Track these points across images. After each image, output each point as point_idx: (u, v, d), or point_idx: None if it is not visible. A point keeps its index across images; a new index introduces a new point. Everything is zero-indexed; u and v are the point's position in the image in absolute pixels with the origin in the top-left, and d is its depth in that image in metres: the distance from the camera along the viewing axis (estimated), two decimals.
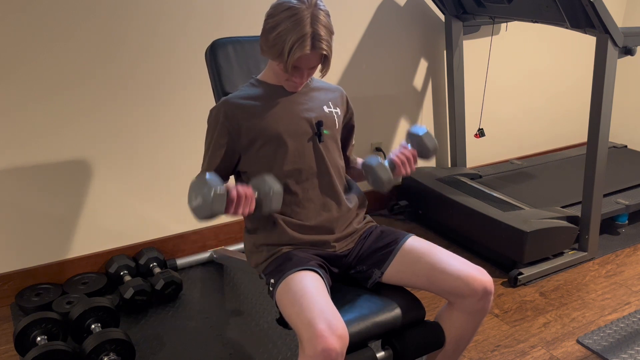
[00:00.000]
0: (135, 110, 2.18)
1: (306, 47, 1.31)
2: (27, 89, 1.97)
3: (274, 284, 1.38)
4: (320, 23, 1.33)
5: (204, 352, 1.88)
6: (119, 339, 1.72)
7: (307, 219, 1.46)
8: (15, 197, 2.05)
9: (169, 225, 2.39)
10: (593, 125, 2.29)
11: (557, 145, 3.64)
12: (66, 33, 1.98)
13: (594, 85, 2.24)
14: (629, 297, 2.22)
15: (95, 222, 2.23)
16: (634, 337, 1.96)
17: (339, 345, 1.17)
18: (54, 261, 2.18)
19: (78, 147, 2.11)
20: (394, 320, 1.38)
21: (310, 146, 1.47)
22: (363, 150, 2.82)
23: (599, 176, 2.33)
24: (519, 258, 2.31)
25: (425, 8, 2.79)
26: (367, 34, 2.65)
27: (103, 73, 2.08)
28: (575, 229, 2.42)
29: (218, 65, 1.71)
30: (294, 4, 1.32)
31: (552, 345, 1.94)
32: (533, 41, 3.22)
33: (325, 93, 1.56)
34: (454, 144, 2.98)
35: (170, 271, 2.17)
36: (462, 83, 2.88)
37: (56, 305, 2.01)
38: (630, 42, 2.19)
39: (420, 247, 1.44)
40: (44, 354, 1.64)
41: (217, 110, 1.46)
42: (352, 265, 1.51)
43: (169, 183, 2.33)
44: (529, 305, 2.17)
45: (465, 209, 2.51)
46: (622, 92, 3.58)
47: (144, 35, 2.11)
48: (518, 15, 2.45)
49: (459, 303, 1.39)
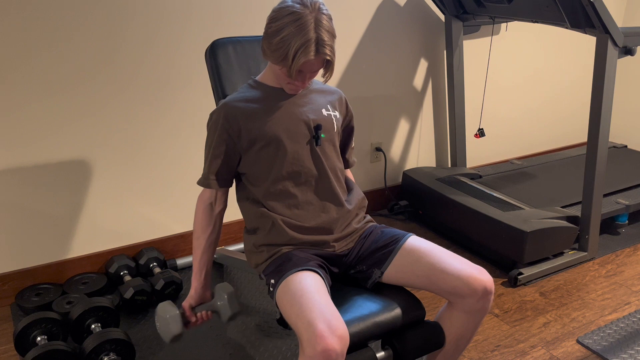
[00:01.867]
0: (136, 111, 2.18)
1: (310, 52, 1.31)
2: (28, 89, 1.97)
3: (274, 284, 1.38)
4: (324, 28, 1.32)
5: (204, 352, 1.88)
6: (119, 339, 1.72)
7: (307, 221, 1.46)
8: (15, 197, 2.05)
9: (169, 225, 2.39)
10: (593, 125, 2.29)
11: (557, 145, 3.64)
12: (67, 34, 1.98)
13: (594, 85, 2.24)
14: (629, 297, 2.22)
15: (95, 222, 2.23)
16: (634, 337, 1.96)
17: (339, 345, 1.17)
18: (54, 261, 2.19)
19: (78, 147, 2.11)
20: (394, 320, 1.38)
21: (308, 149, 1.47)
22: (363, 150, 2.82)
23: (599, 176, 2.33)
24: (519, 258, 2.31)
25: (425, 8, 2.79)
26: (367, 34, 2.65)
27: (104, 73, 2.08)
28: (575, 229, 2.42)
29: (218, 65, 1.71)
30: (297, 9, 1.32)
31: (552, 345, 1.94)
32: (533, 41, 3.23)
33: (324, 96, 1.56)
34: (454, 144, 2.98)
35: (170, 271, 2.17)
36: (462, 83, 2.88)
37: (56, 305, 2.01)
38: (630, 42, 2.19)
39: (420, 246, 1.44)
40: (44, 354, 1.64)
41: (217, 114, 1.46)
42: (352, 265, 1.51)
43: (169, 183, 2.33)
44: (529, 305, 2.17)
45: (465, 209, 2.51)
46: (622, 92, 3.58)
47: (144, 36, 2.11)
48: (518, 15, 2.45)
49: (459, 303, 1.39)
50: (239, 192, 1.57)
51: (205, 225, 1.53)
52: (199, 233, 1.53)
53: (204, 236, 1.53)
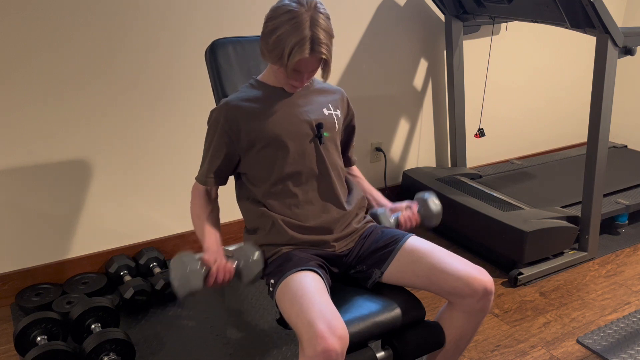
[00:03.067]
0: (136, 111, 2.18)
1: (305, 50, 1.31)
2: (29, 90, 1.97)
3: (274, 284, 1.38)
4: (320, 27, 1.32)
5: (204, 352, 1.88)
6: (119, 339, 1.72)
7: (307, 220, 1.46)
8: (15, 197, 2.05)
9: (169, 225, 2.39)
10: (593, 125, 2.29)
11: (557, 145, 3.64)
12: (68, 35, 1.98)
13: (594, 85, 2.24)
14: (629, 297, 2.22)
15: (95, 222, 2.23)
16: (634, 337, 1.96)
17: (339, 345, 1.17)
18: (54, 261, 2.18)
19: (78, 147, 2.11)
20: (394, 320, 1.38)
21: (311, 148, 1.47)
22: (363, 150, 2.82)
23: (599, 176, 2.33)
24: (519, 258, 2.31)
25: (425, 8, 2.79)
26: (367, 34, 2.65)
27: (104, 74, 2.08)
28: (575, 229, 2.42)
29: (218, 65, 1.71)
30: (294, 7, 1.32)
31: (552, 345, 1.94)
32: (533, 41, 3.23)
33: (326, 95, 1.56)
34: (454, 144, 2.98)
35: None
36: (462, 83, 2.88)
37: (56, 305, 2.01)
38: (630, 42, 2.19)
39: (420, 246, 1.44)
40: (44, 354, 1.64)
41: (217, 113, 1.46)
42: (352, 265, 1.51)
43: (169, 183, 2.33)
44: (529, 305, 2.17)
45: (465, 209, 2.51)
46: (622, 92, 3.58)
47: (145, 37, 2.11)
48: (518, 15, 2.45)
49: (459, 303, 1.39)
50: (239, 192, 1.57)
51: (205, 205, 1.52)
52: (200, 212, 1.51)
53: (205, 214, 1.50)
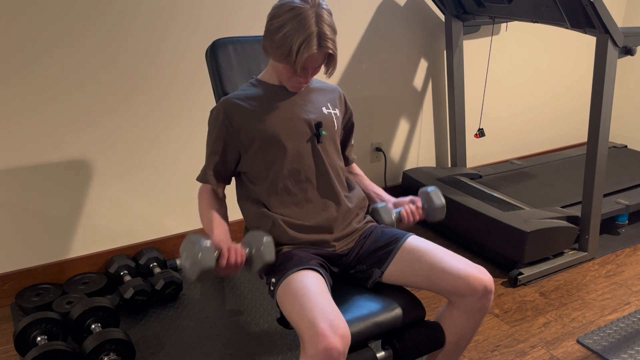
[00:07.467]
0: (137, 111, 2.18)
1: (313, 46, 1.31)
2: (29, 91, 1.97)
3: (274, 283, 1.38)
4: (325, 22, 1.33)
5: (204, 352, 1.88)
6: (119, 339, 1.72)
7: (307, 219, 1.46)
8: (15, 197, 2.05)
9: (169, 225, 2.39)
10: (593, 125, 2.29)
11: (557, 145, 3.64)
12: (69, 37, 1.98)
13: (594, 85, 2.24)
14: (629, 297, 2.22)
15: (95, 222, 2.23)
16: (634, 337, 1.96)
17: (341, 344, 1.17)
18: (54, 261, 2.18)
19: (79, 148, 2.11)
20: (394, 320, 1.38)
21: (309, 147, 1.47)
22: (363, 150, 2.82)
23: (599, 176, 2.33)
24: (519, 258, 2.31)
25: (425, 8, 2.79)
26: (367, 34, 2.65)
27: (105, 75, 2.08)
28: (575, 229, 2.42)
29: (218, 65, 1.71)
30: (298, 4, 1.32)
31: (552, 345, 1.94)
32: (533, 41, 3.23)
33: (324, 94, 1.56)
34: (454, 144, 2.98)
35: (171, 271, 2.17)
36: (462, 83, 2.88)
37: (56, 305, 2.01)
38: (630, 42, 2.19)
39: (420, 246, 1.44)
40: (44, 354, 1.64)
41: (217, 111, 1.47)
42: (352, 265, 1.51)
43: (169, 183, 2.33)
44: (529, 305, 2.17)
45: (465, 209, 2.51)
46: (622, 92, 3.58)
47: (145, 38, 2.11)
48: (518, 15, 2.45)
49: (459, 302, 1.39)
50: (239, 192, 1.57)
51: (211, 204, 1.49)
52: (207, 209, 1.47)
53: (212, 210, 1.47)
